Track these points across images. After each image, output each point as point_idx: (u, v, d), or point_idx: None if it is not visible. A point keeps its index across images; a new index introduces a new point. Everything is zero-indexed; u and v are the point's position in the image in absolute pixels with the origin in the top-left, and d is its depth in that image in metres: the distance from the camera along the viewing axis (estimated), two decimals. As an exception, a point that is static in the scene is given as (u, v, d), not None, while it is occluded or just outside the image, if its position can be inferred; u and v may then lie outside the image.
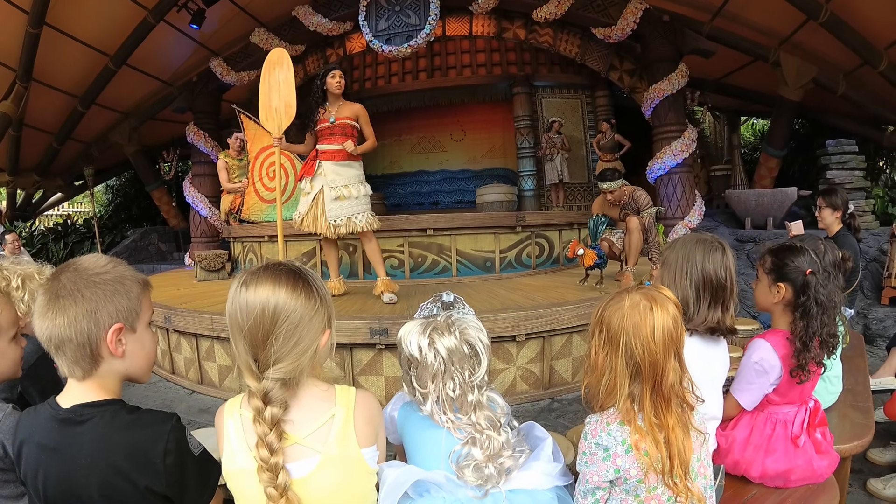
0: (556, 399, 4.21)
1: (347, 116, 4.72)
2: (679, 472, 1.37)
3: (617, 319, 1.44)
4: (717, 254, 1.90)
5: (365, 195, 4.83)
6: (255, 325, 1.26)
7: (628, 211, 5.55)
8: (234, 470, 1.31)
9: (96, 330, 1.26)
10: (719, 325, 1.87)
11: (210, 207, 9.51)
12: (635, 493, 1.42)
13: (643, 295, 1.45)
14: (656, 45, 8.14)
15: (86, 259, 1.34)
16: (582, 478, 1.47)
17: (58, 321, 1.24)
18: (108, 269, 1.32)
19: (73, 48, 8.21)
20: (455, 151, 11.09)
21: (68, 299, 1.25)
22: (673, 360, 1.42)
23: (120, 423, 1.28)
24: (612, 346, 1.45)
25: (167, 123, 11.23)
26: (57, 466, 1.25)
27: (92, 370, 1.30)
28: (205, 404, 4.34)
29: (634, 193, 5.53)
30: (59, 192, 13.21)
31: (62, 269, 1.31)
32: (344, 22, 8.54)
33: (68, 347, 1.26)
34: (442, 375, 1.48)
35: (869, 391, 2.77)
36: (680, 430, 1.40)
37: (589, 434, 1.46)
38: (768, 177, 9.54)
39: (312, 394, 1.35)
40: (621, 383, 1.43)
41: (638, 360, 1.41)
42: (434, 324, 1.54)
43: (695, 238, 1.97)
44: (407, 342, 1.53)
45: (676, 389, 1.43)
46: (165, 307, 4.82)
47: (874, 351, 5.12)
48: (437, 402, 1.50)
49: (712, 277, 1.87)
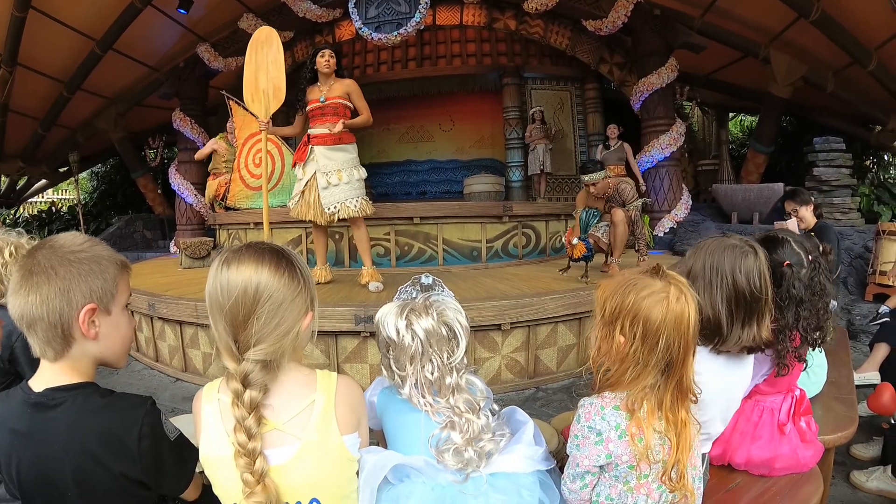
0: (541, 388, 4.21)
1: (338, 95, 4.61)
2: (682, 465, 1.35)
3: (658, 314, 1.35)
4: (748, 259, 1.66)
5: (358, 179, 4.73)
6: (237, 304, 1.22)
7: (613, 203, 5.44)
8: (211, 456, 1.27)
9: (68, 310, 1.23)
10: (755, 342, 1.67)
11: (196, 195, 9.45)
12: (625, 480, 1.40)
13: (677, 287, 1.37)
14: (647, 39, 8.18)
15: (63, 236, 1.31)
16: (572, 461, 1.44)
17: (30, 298, 1.21)
18: (84, 248, 1.29)
19: (59, 32, 8.07)
20: (443, 141, 11.05)
21: (42, 276, 1.21)
22: (691, 353, 1.39)
23: (93, 407, 1.25)
24: (649, 341, 1.37)
25: (153, 110, 11.08)
26: (30, 452, 1.22)
27: (64, 351, 1.26)
28: (189, 392, 4.31)
29: (619, 186, 5.44)
30: (44, 178, 13.04)
31: (38, 246, 1.27)
32: (333, 9, 8.51)
33: (39, 327, 1.22)
34: (420, 358, 1.45)
35: (853, 384, 2.77)
36: (690, 424, 1.38)
37: (582, 417, 1.43)
38: (755, 173, 9.59)
39: (293, 378, 1.31)
40: (646, 375, 1.38)
41: (673, 355, 1.36)
42: (412, 305, 1.51)
43: (722, 244, 1.72)
44: (384, 324, 1.50)
45: (691, 383, 1.40)
46: (150, 294, 4.77)
47: (857, 346, 5.16)
48: (416, 385, 1.47)
49: (745, 290, 1.64)
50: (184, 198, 9.63)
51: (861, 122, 9.17)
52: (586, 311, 4.30)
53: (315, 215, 4.70)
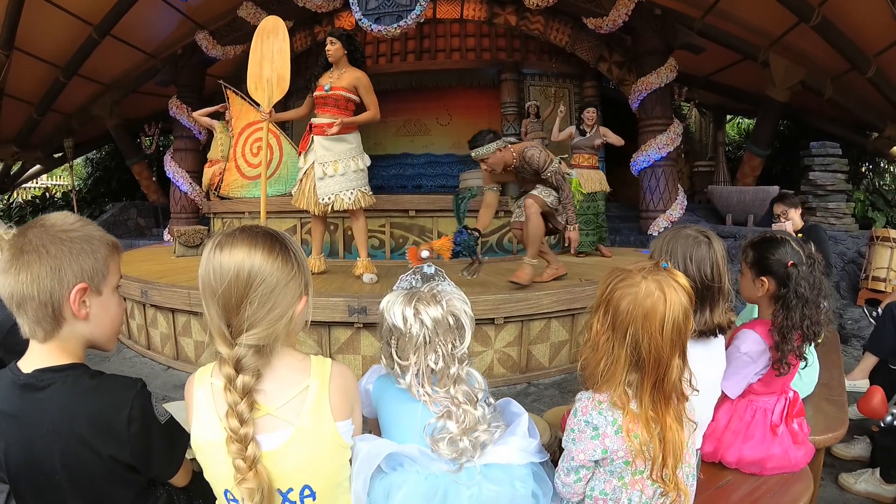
0: (533, 383, 4.21)
1: (344, 87, 4.56)
2: (670, 467, 1.35)
3: (627, 305, 1.36)
4: (700, 249, 1.75)
5: (357, 170, 4.66)
6: (229, 288, 1.21)
7: (525, 176, 4.50)
8: (203, 442, 1.26)
9: (59, 289, 1.22)
10: (707, 326, 1.75)
11: (191, 183, 9.40)
12: (620, 476, 1.40)
13: (657, 283, 1.36)
14: (647, 39, 8.17)
15: (55, 216, 1.29)
16: (567, 454, 1.44)
17: (20, 277, 1.19)
18: (76, 227, 1.27)
19: (56, 16, 8.00)
20: (440, 135, 11.01)
21: (33, 255, 1.20)
22: (677, 357, 1.37)
23: (82, 389, 1.24)
24: (617, 333, 1.38)
25: (150, 97, 11.00)
26: (19, 434, 1.21)
27: (54, 331, 1.25)
28: (180, 380, 4.29)
29: (525, 153, 4.31)
30: (38, 164, 12.95)
31: (30, 225, 1.26)
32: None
33: (30, 306, 1.21)
34: (425, 347, 1.44)
35: (843, 385, 2.79)
36: (676, 425, 1.37)
37: (579, 411, 1.43)
38: (751, 175, 9.60)
39: (287, 364, 1.30)
40: (621, 371, 1.38)
41: (643, 353, 1.35)
42: (418, 294, 1.49)
43: (676, 233, 1.82)
44: (390, 312, 1.48)
45: (677, 386, 1.38)
46: (143, 282, 4.73)
47: (848, 350, 5.17)
48: (417, 374, 1.46)
49: (696, 277, 1.71)
50: (178, 186, 9.58)
51: (858, 128, 9.20)
52: (580, 307, 4.30)
53: (310, 205, 4.68)
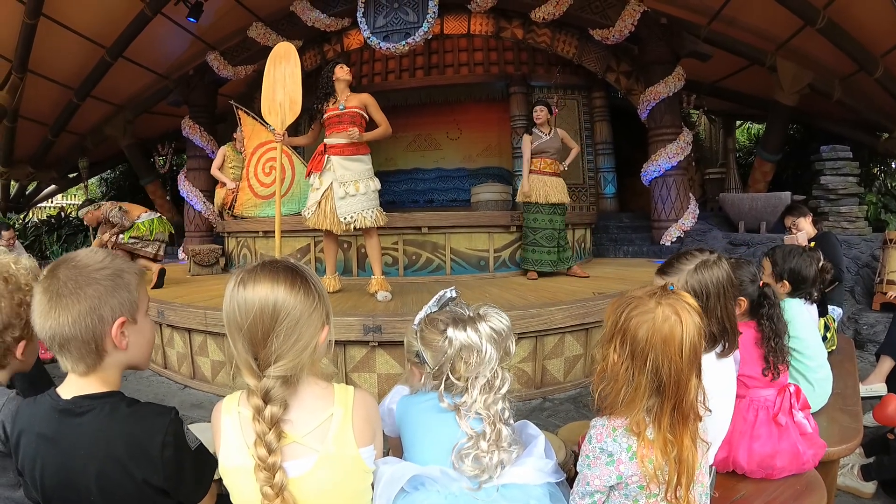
0: (548, 398, 4.23)
1: (355, 106, 4.70)
2: (683, 486, 1.36)
3: (645, 332, 1.37)
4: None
5: (374, 190, 4.79)
6: (255, 323, 1.25)
7: (106, 228, 5.73)
8: (230, 467, 1.30)
9: (101, 326, 1.27)
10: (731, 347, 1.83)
11: (204, 202, 9.49)
12: (635, 499, 1.41)
13: (672, 307, 1.38)
14: (653, 48, 8.19)
15: (82, 254, 1.34)
16: (582, 479, 1.45)
17: (61, 320, 1.24)
18: (106, 264, 1.32)
19: (69, 39, 8.15)
20: (450, 150, 11.10)
21: (71, 298, 1.25)
22: (695, 376, 1.38)
23: (119, 415, 1.28)
24: (637, 361, 1.38)
25: (162, 117, 11.14)
26: (55, 457, 1.26)
27: (96, 365, 1.30)
28: (197, 399, 4.34)
29: (107, 212, 5.76)
30: (53, 184, 13.10)
31: (58, 266, 1.30)
32: (342, 18, 8.55)
33: (73, 346, 1.26)
34: (483, 366, 1.47)
35: (858, 395, 2.79)
36: (692, 445, 1.38)
37: (594, 438, 1.44)
38: (762, 181, 9.57)
39: (312, 392, 1.34)
40: (641, 397, 1.38)
41: (663, 377, 1.36)
42: (462, 316, 1.53)
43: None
44: (454, 336, 1.48)
45: (694, 405, 1.39)
46: (159, 301, 4.79)
47: (864, 356, 5.14)
48: (476, 390, 1.48)
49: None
50: (192, 205, 9.67)
51: (867, 129, 9.13)
52: (594, 321, 4.31)
53: (331, 225, 4.74)
